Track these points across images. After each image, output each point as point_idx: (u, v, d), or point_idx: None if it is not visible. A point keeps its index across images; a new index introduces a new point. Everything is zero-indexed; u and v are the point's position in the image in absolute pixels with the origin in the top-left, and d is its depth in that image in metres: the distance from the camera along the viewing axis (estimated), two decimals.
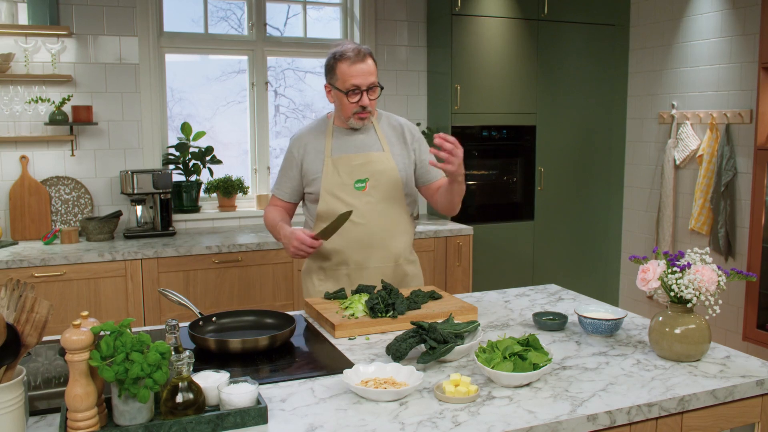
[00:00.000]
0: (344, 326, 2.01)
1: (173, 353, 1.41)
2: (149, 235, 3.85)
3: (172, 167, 4.13)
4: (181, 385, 1.38)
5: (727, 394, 1.63)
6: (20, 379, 1.33)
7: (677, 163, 4.41)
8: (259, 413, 1.42)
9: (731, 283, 3.93)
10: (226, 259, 3.62)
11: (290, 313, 2.16)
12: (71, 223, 3.90)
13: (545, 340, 1.97)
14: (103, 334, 1.36)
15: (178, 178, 4.19)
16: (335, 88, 2.38)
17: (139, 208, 3.92)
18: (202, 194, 4.31)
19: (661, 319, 1.81)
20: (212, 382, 1.48)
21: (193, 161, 4.18)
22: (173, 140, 4.24)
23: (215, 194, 4.35)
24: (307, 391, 1.61)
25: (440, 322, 1.88)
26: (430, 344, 1.71)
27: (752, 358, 1.81)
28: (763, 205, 3.63)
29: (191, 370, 1.41)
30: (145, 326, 2.78)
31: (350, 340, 1.99)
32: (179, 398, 1.38)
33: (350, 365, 1.72)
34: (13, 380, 1.31)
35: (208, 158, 4.21)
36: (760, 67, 3.59)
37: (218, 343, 1.83)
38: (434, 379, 1.66)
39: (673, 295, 1.77)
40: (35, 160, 3.83)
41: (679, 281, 1.75)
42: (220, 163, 4.25)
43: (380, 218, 2.42)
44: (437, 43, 4.51)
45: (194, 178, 4.21)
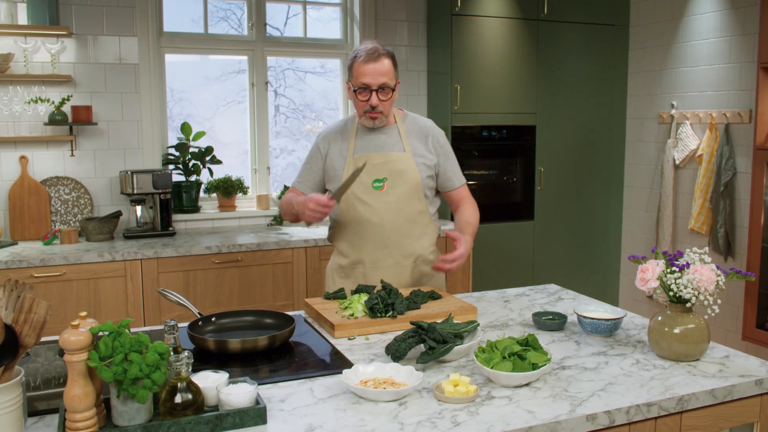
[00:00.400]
0: (344, 326, 2.01)
1: (172, 353, 1.41)
2: (149, 235, 3.85)
3: (171, 167, 4.13)
4: (179, 385, 1.38)
5: (726, 393, 1.63)
6: (18, 379, 1.33)
7: (677, 162, 4.41)
8: (258, 413, 1.42)
9: (730, 282, 3.93)
10: (225, 259, 3.62)
11: (290, 313, 2.16)
12: (71, 223, 3.90)
13: (544, 340, 1.97)
14: (101, 334, 1.36)
15: (177, 178, 4.19)
16: (351, 86, 2.41)
17: (138, 208, 3.92)
18: (201, 194, 4.30)
19: (660, 318, 1.80)
20: (211, 382, 1.48)
21: (193, 161, 4.18)
22: (173, 140, 4.24)
23: (215, 194, 4.35)
24: (306, 391, 1.61)
25: (440, 322, 1.88)
26: (429, 344, 1.71)
27: (751, 357, 1.81)
28: (762, 204, 3.63)
29: (190, 370, 1.41)
30: (144, 326, 2.78)
31: (350, 340, 1.99)
32: (178, 399, 1.38)
33: (349, 365, 1.72)
34: (11, 381, 1.31)
35: (208, 158, 4.21)
36: (759, 67, 3.59)
37: (217, 343, 1.83)
38: (433, 379, 1.66)
39: (672, 294, 1.77)
40: (35, 160, 3.83)
41: (678, 281, 1.75)
42: (220, 163, 4.25)
43: (397, 218, 2.43)
44: (437, 43, 4.51)
45: (194, 178, 4.21)
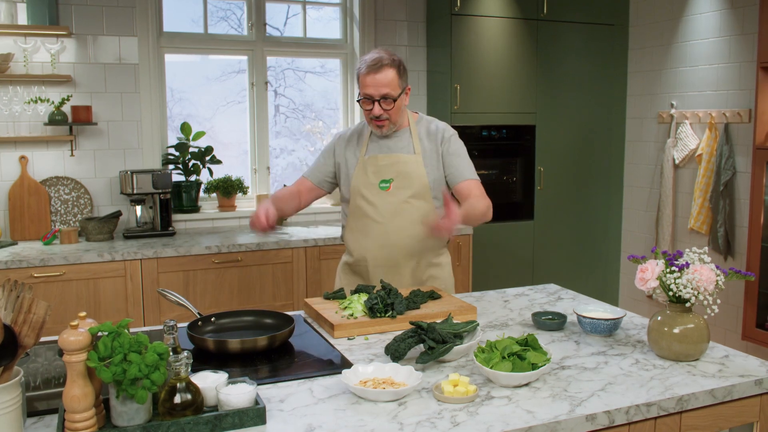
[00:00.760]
0: (343, 326, 2.01)
1: (171, 354, 1.41)
2: (149, 235, 3.85)
3: (171, 167, 4.13)
4: (179, 385, 1.38)
5: (725, 393, 1.63)
6: (18, 380, 1.33)
7: (676, 162, 4.41)
8: (257, 414, 1.42)
9: (730, 282, 3.92)
10: (225, 259, 3.61)
11: (289, 313, 2.16)
12: (71, 223, 3.90)
13: (544, 339, 1.97)
14: (100, 334, 1.36)
15: (177, 178, 4.19)
16: (357, 99, 2.45)
17: (138, 208, 3.92)
18: (201, 194, 4.30)
19: (659, 318, 1.80)
20: (210, 382, 1.48)
21: (192, 161, 4.18)
22: (173, 140, 4.24)
23: (215, 194, 4.35)
24: (305, 391, 1.61)
25: (439, 322, 1.88)
26: (428, 344, 1.71)
27: (751, 357, 1.81)
28: (762, 204, 3.63)
29: (189, 370, 1.41)
30: (144, 327, 2.78)
31: (349, 340, 1.99)
32: (177, 399, 1.38)
33: (349, 365, 1.72)
34: (10, 381, 1.31)
35: (207, 158, 4.21)
36: (758, 66, 3.59)
37: (217, 343, 1.83)
38: (433, 379, 1.66)
39: (671, 294, 1.77)
40: (35, 160, 3.83)
41: (677, 281, 1.75)
42: (219, 163, 4.25)
43: (401, 219, 2.44)
44: (437, 43, 4.51)
45: (194, 178, 4.21)
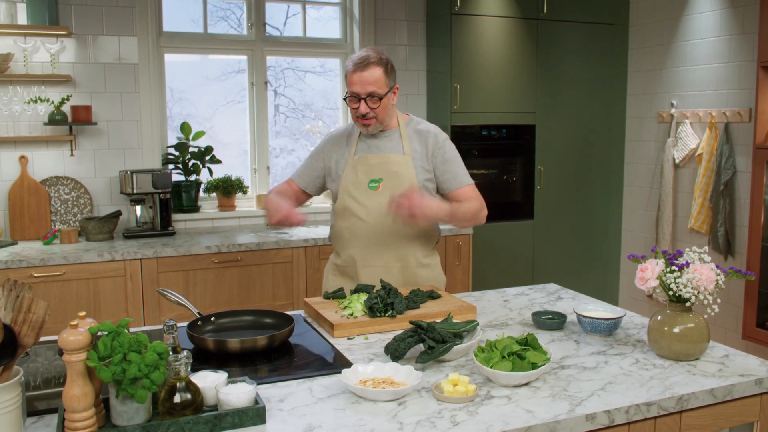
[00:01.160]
0: (343, 326, 2.01)
1: (171, 353, 1.41)
2: (149, 235, 3.85)
3: (171, 167, 4.13)
4: (179, 385, 1.38)
5: (725, 393, 1.62)
6: (17, 379, 1.33)
7: (677, 162, 4.41)
8: (257, 413, 1.42)
9: (731, 282, 3.92)
10: (225, 259, 3.61)
11: (289, 312, 2.16)
12: (71, 223, 3.90)
13: (544, 339, 1.97)
14: (100, 334, 1.36)
15: (177, 177, 4.19)
16: (343, 98, 2.42)
17: (138, 208, 3.92)
18: (201, 194, 4.30)
19: (659, 318, 1.80)
20: (210, 382, 1.48)
21: (192, 161, 4.18)
22: (173, 140, 4.24)
23: (215, 194, 4.35)
24: (305, 390, 1.61)
25: (439, 321, 1.88)
26: (428, 344, 1.71)
27: (751, 357, 1.81)
28: (762, 203, 3.63)
29: (189, 370, 1.41)
30: (144, 326, 2.78)
31: (349, 339, 1.99)
32: (177, 398, 1.38)
33: (349, 365, 1.72)
34: (10, 381, 1.31)
35: (207, 158, 4.21)
36: (758, 66, 3.58)
37: (217, 343, 1.83)
38: (433, 378, 1.65)
39: (671, 294, 1.77)
40: (34, 160, 3.83)
41: (677, 280, 1.74)
42: (219, 162, 4.25)
43: (390, 219, 2.42)
44: (437, 42, 4.51)
45: (194, 177, 4.21)
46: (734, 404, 1.65)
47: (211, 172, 4.26)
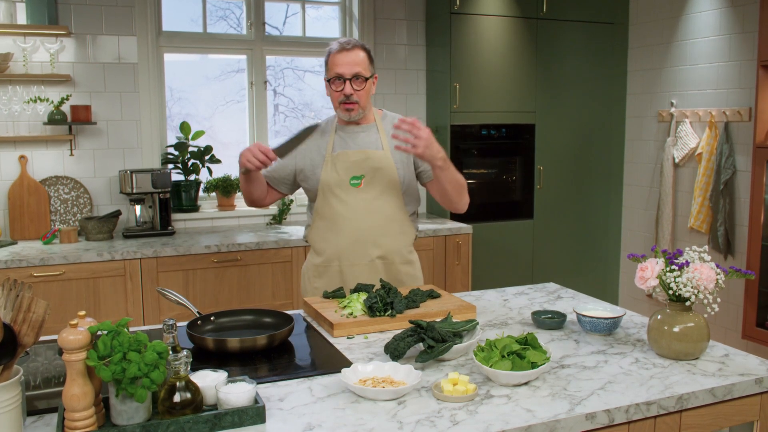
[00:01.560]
0: (343, 325, 2.01)
1: (171, 353, 1.41)
2: (148, 234, 3.85)
3: (171, 167, 4.13)
4: (178, 384, 1.38)
5: (725, 392, 1.62)
6: (17, 378, 1.33)
7: (676, 161, 4.41)
8: (256, 412, 1.42)
9: (730, 281, 3.92)
10: (225, 258, 3.61)
11: (289, 312, 2.16)
12: (70, 222, 3.90)
13: (544, 338, 1.97)
14: (100, 333, 1.36)
15: (177, 177, 4.19)
16: (327, 80, 2.40)
17: (138, 207, 3.92)
18: (201, 193, 4.30)
19: (659, 317, 1.80)
20: (210, 381, 1.48)
21: (192, 160, 4.18)
22: (172, 140, 4.23)
23: (214, 193, 4.34)
24: (305, 390, 1.60)
25: (439, 320, 1.88)
26: (428, 343, 1.71)
27: (751, 356, 1.81)
28: (762, 203, 3.63)
29: (189, 369, 1.41)
30: (144, 326, 2.78)
31: (348, 339, 1.99)
32: (177, 398, 1.38)
33: (348, 364, 1.72)
34: (10, 380, 1.31)
35: (207, 157, 4.21)
36: (758, 65, 3.58)
37: (216, 342, 1.82)
38: (432, 378, 1.65)
39: (671, 293, 1.77)
40: (34, 159, 3.83)
41: (677, 279, 1.74)
42: (219, 162, 4.25)
43: (373, 216, 2.41)
44: (436, 41, 4.51)
45: (193, 177, 4.21)
46: (734, 403, 1.65)
47: (210, 171, 4.26)
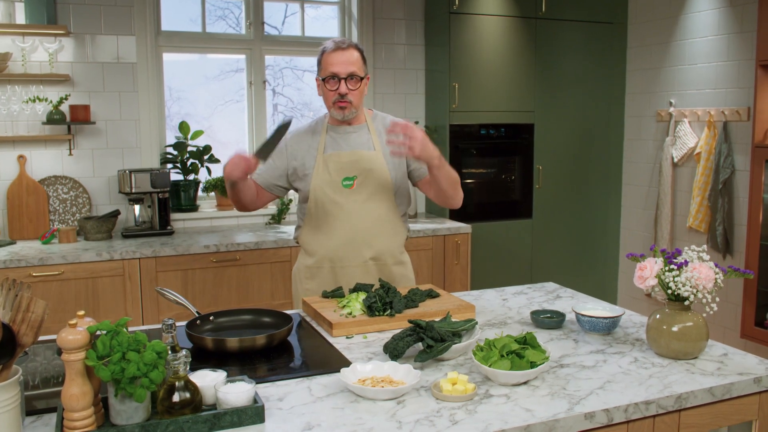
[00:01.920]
0: (342, 325, 2.01)
1: (170, 352, 1.41)
2: (147, 234, 3.85)
3: (170, 166, 4.13)
4: (177, 384, 1.38)
5: (724, 391, 1.63)
6: (16, 378, 1.33)
7: (675, 160, 4.41)
8: (255, 412, 1.42)
9: (729, 280, 3.93)
10: (224, 258, 3.61)
11: (288, 312, 2.16)
12: (69, 222, 3.89)
13: (543, 338, 1.97)
14: (99, 333, 1.36)
15: (176, 177, 4.19)
16: (321, 79, 2.40)
17: (137, 207, 3.92)
18: (200, 193, 4.30)
19: (658, 316, 1.80)
20: (209, 381, 1.48)
21: (191, 160, 4.18)
22: (171, 139, 4.23)
23: (213, 193, 4.34)
24: (304, 389, 1.61)
25: (438, 320, 1.88)
26: (427, 342, 1.71)
27: (749, 355, 1.81)
28: (760, 202, 3.63)
29: (188, 369, 1.41)
30: (143, 326, 2.78)
31: (348, 338, 1.99)
32: (176, 397, 1.37)
33: (347, 364, 1.72)
34: (9, 380, 1.31)
35: (206, 157, 4.21)
36: (757, 64, 3.59)
37: (215, 342, 1.82)
38: (431, 377, 1.65)
39: (670, 292, 1.77)
40: (33, 159, 3.83)
41: (676, 279, 1.74)
42: (218, 162, 4.24)
43: (366, 217, 2.41)
44: (435, 41, 4.51)
45: (192, 177, 4.20)
46: (733, 403, 1.66)
47: (209, 171, 4.26)
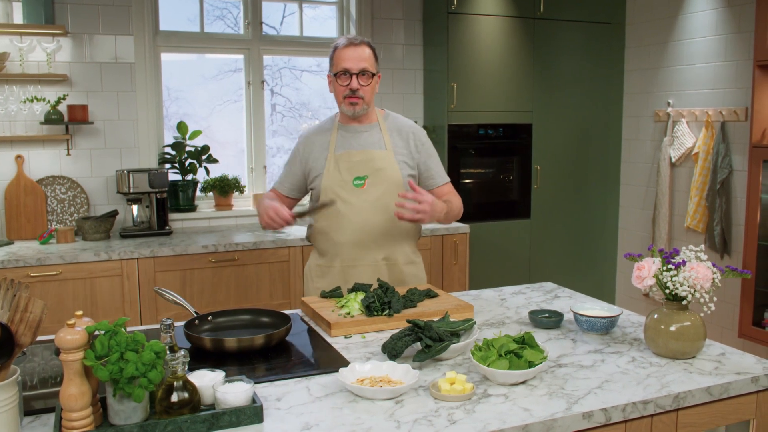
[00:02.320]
0: (340, 325, 2.01)
1: (168, 352, 1.41)
2: (145, 234, 3.85)
3: (168, 166, 4.12)
4: (176, 384, 1.38)
5: (722, 391, 1.63)
6: (14, 378, 1.33)
7: (673, 160, 4.41)
8: (254, 412, 1.42)
9: (727, 280, 3.93)
10: (222, 258, 3.61)
11: (286, 311, 2.16)
12: (67, 222, 3.89)
13: (541, 338, 1.97)
14: (97, 333, 1.36)
15: (174, 177, 4.19)
16: (332, 75, 2.41)
17: (135, 207, 3.92)
18: (198, 193, 4.30)
19: (656, 316, 1.81)
20: (207, 381, 1.48)
21: (189, 160, 4.17)
22: (169, 139, 4.23)
23: (211, 193, 4.34)
24: (302, 389, 1.61)
25: (436, 320, 1.88)
26: (425, 342, 1.71)
27: (747, 355, 1.82)
28: (758, 202, 3.63)
29: (186, 369, 1.41)
30: (141, 326, 2.78)
31: (346, 338, 1.99)
32: (174, 397, 1.38)
33: (346, 364, 1.72)
34: (7, 380, 1.31)
35: (204, 157, 4.20)
36: (755, 64, 3.59)
37: (214, 342, 1.82)
38: (430, 377, 1.66)
39: (668, 292, 1.77)
40: (31, 159, 3.82)
41: (674, 279, 1.75)
42: (216, 162, 4.24)
43: (376, 217, 2.41)
44: (433, 41, 4.51)
45: (190, 177, 4.20)
46: (730, 402, 1.66)
47: (207, 171, 4.25)
